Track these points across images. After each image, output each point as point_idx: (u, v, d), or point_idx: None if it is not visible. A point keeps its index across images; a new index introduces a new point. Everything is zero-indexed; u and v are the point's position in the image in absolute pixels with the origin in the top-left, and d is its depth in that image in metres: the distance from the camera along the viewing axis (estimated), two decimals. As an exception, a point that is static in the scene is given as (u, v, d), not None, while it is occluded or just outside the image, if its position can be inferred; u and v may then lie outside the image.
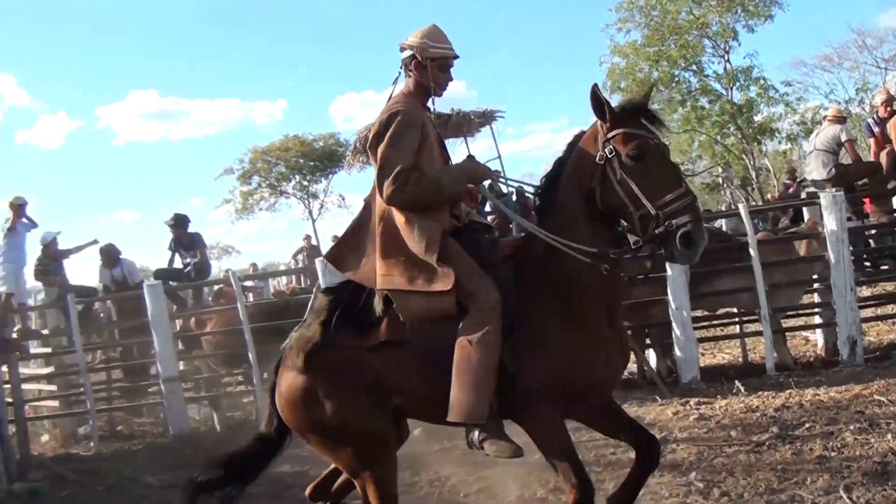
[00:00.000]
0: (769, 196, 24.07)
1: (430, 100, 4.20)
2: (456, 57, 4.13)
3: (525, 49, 76.04)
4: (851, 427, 6.23)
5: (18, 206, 11.42)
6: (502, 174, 4.47)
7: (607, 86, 30.62)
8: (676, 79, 30.53)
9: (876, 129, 10.04)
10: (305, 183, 44.50)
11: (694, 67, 30.36)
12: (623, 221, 3.79)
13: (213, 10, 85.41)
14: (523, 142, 77.21)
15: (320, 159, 43.08)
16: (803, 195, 11.68)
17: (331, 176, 44.11)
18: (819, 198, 8.76)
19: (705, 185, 35.47)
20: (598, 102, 3.68)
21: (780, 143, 32.34)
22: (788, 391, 7.59)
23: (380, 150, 3.88)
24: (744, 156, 30.79)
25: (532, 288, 3.86)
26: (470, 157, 4.18)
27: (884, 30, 34.81)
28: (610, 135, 3.65)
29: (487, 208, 10.77)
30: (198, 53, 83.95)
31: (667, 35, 29.98)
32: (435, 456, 3.60)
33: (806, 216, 9.69)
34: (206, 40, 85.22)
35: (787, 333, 9.32)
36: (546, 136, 75.04)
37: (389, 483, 4.02)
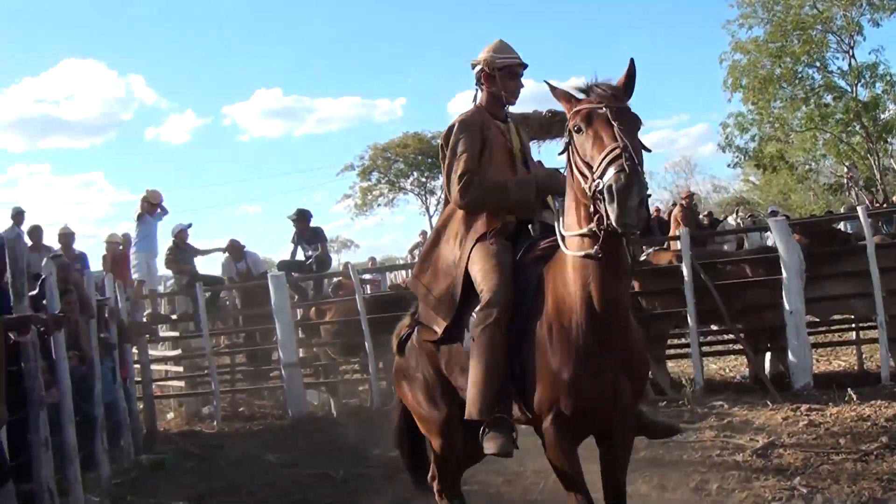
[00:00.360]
0: (894, 198, 23.26)
1: (505, 108, 4.40)
2: (522, 64, 4.35)
3: (644, 43, 74.87)
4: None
5: (148, 200, 12.05)
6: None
7: (728, 83, 30.12)
8: (799, 75, 29.73)
9: None
10: (423, 179, 45.35)
11: (817, 64, 29.53)
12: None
13: (336, 8, 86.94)
14: (644, 139, 75.96)
15: (438, 156, 43.73)
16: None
17: (448, 172, 44.88)
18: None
19: (829, 186, 34.43)
20: (556, 93, 3.56)
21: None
22: (903, 401, 7.47)
23: (444, 161, 4.22)
24: (869, 155, 29.81)
25: (542, 294, 3.74)
26: (555, 171, 4.20)
27: None
28: (568, 117, 3.47)
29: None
30: (321, 52, 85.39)
31: (790, 31, 29.23)
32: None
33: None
34: (329, 39, 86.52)
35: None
36: (666, 132, 73.62)
37: (447, 459, 4.42)
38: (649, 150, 3.44)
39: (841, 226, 16.36)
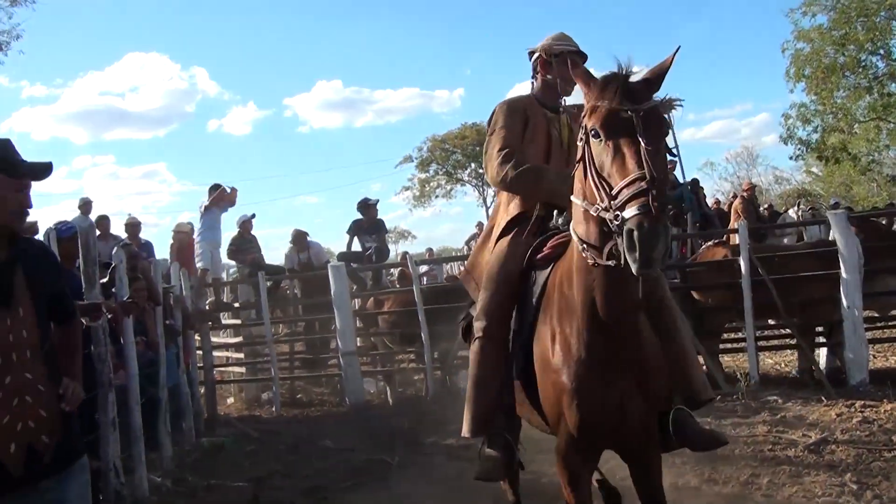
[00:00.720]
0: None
1: (560, 98, 4.14)
2: (580, 53, 4.09)
3: (707, 30, 73.82)
4: None
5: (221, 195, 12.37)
6: None
7: (791, 72, 29.67)
8: (863, 64, 29.09)
9: None
10: (481, 170, 45.43)
11: (882, 51, 28.84)
12: None
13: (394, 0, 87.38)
14: (706, 129, 75.03)
15: (496, 148, 43.96)
16: None
17: (505, 163, 45.01)
18: None
19: (892, 178, 33.79)
20: (575, 72, 3.11)
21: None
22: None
23: (488, 138, 4.10)
24: (935, 146, 29.21)
25: (549, 298, 3.44)
26: None
27: None
28: (585, 109, 2.96)
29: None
30: (380, 43, 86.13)
31: (854, 17, 28.60)
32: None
33: None
34: (389, 30, 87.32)
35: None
36: (728, 122, 72.79)
37: None
38: (675, 156, 2.99)
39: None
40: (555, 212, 3.81)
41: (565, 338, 3.24)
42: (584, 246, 2.97)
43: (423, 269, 15.95)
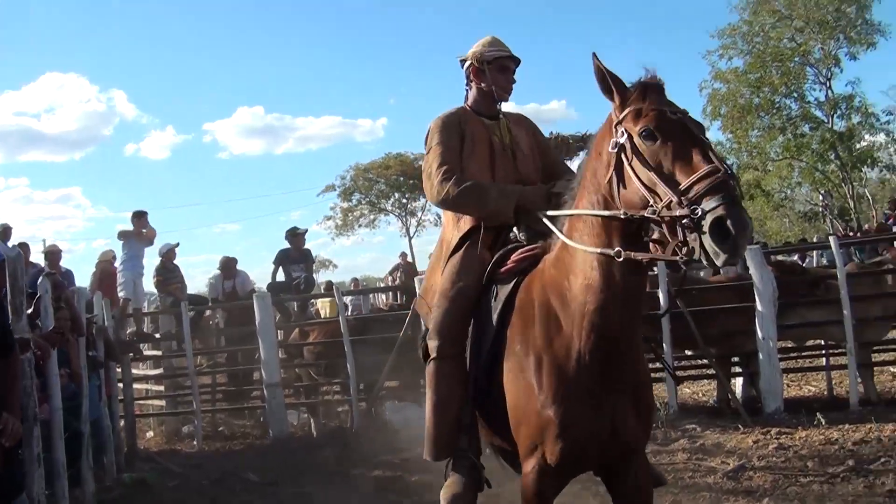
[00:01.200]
0: (867, 226, 23.71)
1: (498, 104, 4.09)
2: (514, 58, 4.05)
3: (624, 68, 75.40)
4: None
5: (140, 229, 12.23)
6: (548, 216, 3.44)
7: (708, 111, 30.60)
8: (777, 105, 30.29)
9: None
10: (404, 200, 45.51)
11: (795, 94, 30.13)
12: (652, 231, 2.87)
13: (319, 27, 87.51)
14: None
15: (420, 177, 43.87)
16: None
17: (430, 194, 44.96)
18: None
19: (804, 214, 34.96)
20: (601, 76, 3.01)
21: (881, 171, 31.78)
22: (869, 426, 7.66)
23: (426, 154, 3.95)
24: (843, 184, 30.34)
25: (522, 315, 3.31)
26: (547, 188, 3.72)
27: None
28: (622, 115, 2.89)
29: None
30: (304, 71, 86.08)
31: (769, 62, 29.81)
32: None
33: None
34: (312, 57, 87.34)
35: (874, 368, 9.38)
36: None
37: None
38: None
39: (814, 254, 16.81)
40: (514, 228, 3.68)
41: (555, 359, 3.09)
42: (613, 252, 2.88)
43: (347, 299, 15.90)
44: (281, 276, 12.07)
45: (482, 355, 3.46)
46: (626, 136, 2.82)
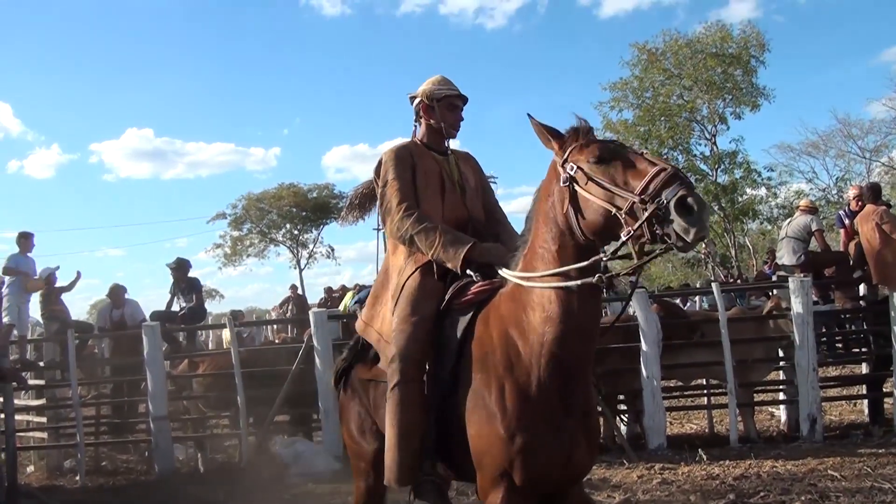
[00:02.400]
0: (745, 275, 24.76)
1: (446, 141, 4.23)
2: (462, 97, 4.20)
3: (516, 111, 77.35)
4: (803, 498, 6.62)
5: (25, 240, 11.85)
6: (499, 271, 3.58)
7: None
8: (664, 157, 31.30)
9: (846, 221, 10.57)
10: (296, 232, 45.07)
11: (681, 148, 31.27)
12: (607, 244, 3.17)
13: (214, 53, 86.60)
14: (513, 203, 77.51)
15: (313, 210, 43.68)
16: (774, 278, 12.20)
17: (322, 227, 44.70)
18: (788, 281, 9.25)
19: (687, 261, 36.18)
20: (540, 131, 3.33)
21: (761, 223, 33.24)
22: (748, 462, 7.99)
23: (380, 192, 4.02)
24: (725, 234, 31.61)
25: (482, 344, 3.39)
26: (502, 247, 3.77)
27: (870, 122, 35.74)
28: (566, 153, 3.16)
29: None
30: (197, 95, 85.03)
31: (657, 116, 30.96)
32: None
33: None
34: (207, 83, 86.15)
35: (755, 407, 9.79)
36: (534, 199, 75.55)
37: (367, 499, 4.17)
38: None
39: (697, 299, 17.43)
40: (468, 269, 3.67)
41: (518, 387, 3.18)
42: (569, 274, 3.09)
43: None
44: (176, 307, 11.83)
45: (438, 384, 3.51)
46: (574, 168, 3.08)
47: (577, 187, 3.07)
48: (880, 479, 7.01)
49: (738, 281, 23.18)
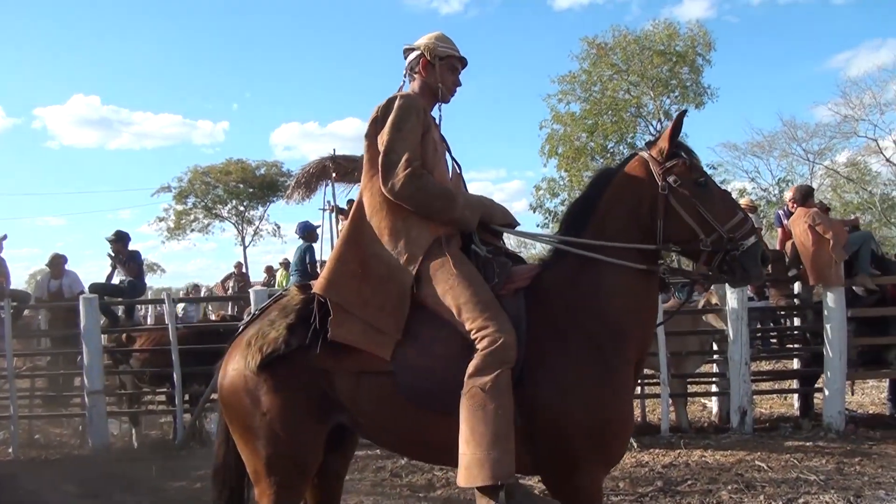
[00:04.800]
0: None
1: (438, 105, 3.91)
2: (463, 60, 3.91)
3: (472, 98, 77.52)
4: (729, 487, 6.78)
5: None
6: (514, 227, 3.85)
7: (545, 149, 31.79)
8: (610, 151, 31.76)
9: (785, 221, 10.78)
10: (242, 208, 44.57)
11: (627, 142, 31.65)
12: (677, 254, 3.64)
13: (164, 22, 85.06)
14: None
15: (260, 186, 43.27)
16: (711, 273, 12.36)
17: (269, 204, 44.29)
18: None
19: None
20: (676, 131, 3.53)
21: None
22: (678, 451, 8.18)
23: (382, 135, 3.55)
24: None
25: (553, 327, 3.39)
26: (497, 208, 3.78)
27: (815, 125, 36.66)
28: (669, 164, 3.46)
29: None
30: (146, 64, 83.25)
31: (604, 110, 31.31)
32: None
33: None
34: (157, 52, 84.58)
35: (687, 398, 10.00)
36: (484, 185, 75.94)
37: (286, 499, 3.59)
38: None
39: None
40: (472, 245, 3.59)
41: (609, 367, 3.34)
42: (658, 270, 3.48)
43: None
44: (117, 280, 11.62)
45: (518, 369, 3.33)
46: (678, 182, 3.43)
47: (672, 200, 3.42)
48: (806, 471, 7.23)
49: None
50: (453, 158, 3.93)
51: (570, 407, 3.25)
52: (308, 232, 12.11)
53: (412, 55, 3.88)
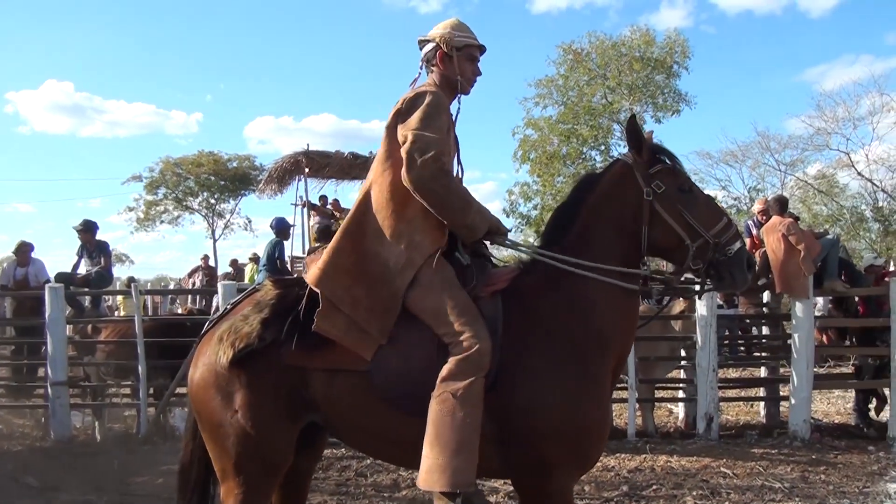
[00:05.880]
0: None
1: (457, 97, 3.74)
2: (482, 48, 3.75)
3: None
4: (694, 493, 6.81)
5: None
6: (507, 241, 3.73)
7: (518, 154, 31.89)
8: (584, 156, 31.88)
9: (754, 231, 10.85)
10: (213, 201, 44.25)
11: (602, 147, 31.79)
12: (663, 259, 3.70)
13: (139, 10, 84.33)
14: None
15: (232, 179, 43.01)
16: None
17: (240, 198, 44.06)
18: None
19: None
20: (636, 135, 3.49)
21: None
22: (644, 456, 8.19)
23: (410, 124, 3.37)
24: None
25: (532, 330, 3.34)
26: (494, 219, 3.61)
27: (789, 136, 37.03)
28: (653, 170, 3.45)
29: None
30: (120, 52, 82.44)
31: (580, 115, 31.40)
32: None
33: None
34: (131, 40, 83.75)
35: (654, 403, 10.04)
36: (460, 185, 75.65)
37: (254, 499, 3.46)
38: None
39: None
40: (456, 253, 3.50)
41: (589, 373, 3.29)
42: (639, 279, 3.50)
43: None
44: (83, 270, 11.46)
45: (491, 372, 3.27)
46: (661, 187, 3.42)
47: (657, 206, 3.41)
48: (771, 479, 7.28)
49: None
50: (460, 161, 3.84)
51: (547, 412, 3.20)
52: (282, 229, 12.00)
53: (428, 47, 3.70)
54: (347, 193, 18.94)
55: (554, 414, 3.20)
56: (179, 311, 17.05)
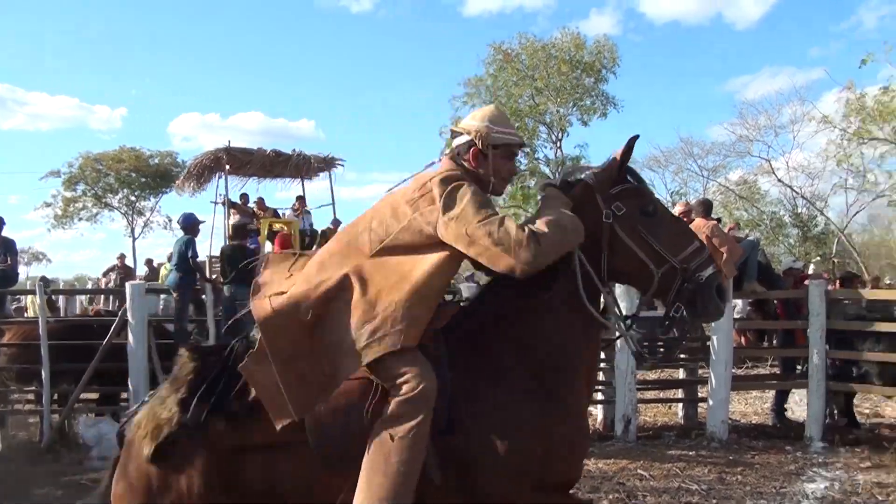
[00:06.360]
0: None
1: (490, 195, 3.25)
2: (522, 145, 3.44)
3: (381, 98, 77.40)
4: (611, 496, 6.75)
5: None
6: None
7: (445, 152, 31.89)
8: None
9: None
10: (133, 198, 43.37)
11: (528, 150, 31.94)
12: (628, 286, 3.53)
13: (63, 1, 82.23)
14: (364, 189, 76.93)
15: (153, 176, 42.25)
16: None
17: (161, 195, 43.25)
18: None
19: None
20: (628, 158, 3.26)
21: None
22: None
23: (466, 218, 2.95)
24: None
25: (484, 369, 3.07)
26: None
27: (711, 143, 37.93)
28: (614, 191, 3.18)
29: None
30: (44, 44, 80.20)
31: (509, 115, 31.49)
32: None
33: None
34: (55, 31, 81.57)
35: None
36: (386, 186, 75.52)
37: None
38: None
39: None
40: None
41: (553, 394, 3.04)
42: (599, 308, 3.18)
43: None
44: None
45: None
46: (622, 210, 3.16)
47: (618, 229, 3.15)
48: (688, 480, 7.26)
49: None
50: None
51: (508, 453, 2.93)
52: (190, 224, 11.48)
53: (460, 140, 3.28)
54: (270, 192, 18.67)
55: (514, 456, 2.94)
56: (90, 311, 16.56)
